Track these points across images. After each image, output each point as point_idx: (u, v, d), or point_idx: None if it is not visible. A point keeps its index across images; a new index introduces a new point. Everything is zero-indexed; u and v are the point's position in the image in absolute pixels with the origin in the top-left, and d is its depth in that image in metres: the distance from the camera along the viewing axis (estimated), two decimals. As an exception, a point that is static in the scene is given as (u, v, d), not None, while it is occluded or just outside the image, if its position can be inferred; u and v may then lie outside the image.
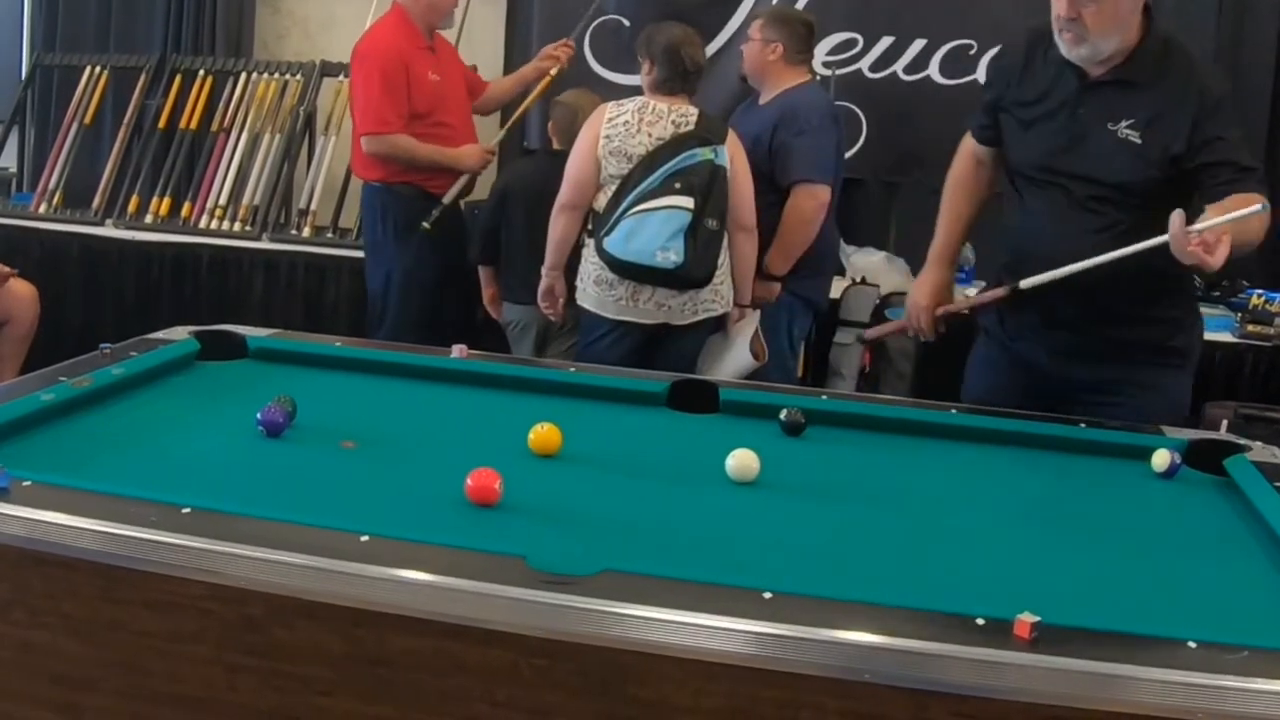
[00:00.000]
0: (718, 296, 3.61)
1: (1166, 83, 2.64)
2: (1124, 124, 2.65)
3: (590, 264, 3.61)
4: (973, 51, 4.66)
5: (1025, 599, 1.56)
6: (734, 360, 3.71)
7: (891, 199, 4.91)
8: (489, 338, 4.04)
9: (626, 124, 3.53)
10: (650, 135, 3.50)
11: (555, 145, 4.05)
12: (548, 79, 4.36)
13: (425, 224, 4.06)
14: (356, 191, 4.66)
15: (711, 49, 4.65)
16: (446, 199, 4.12)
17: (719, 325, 3.72)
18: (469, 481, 1.93)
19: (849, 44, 4.76)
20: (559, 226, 3.64)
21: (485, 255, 4.09)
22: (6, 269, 4.28)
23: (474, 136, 4.30)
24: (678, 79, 3.59)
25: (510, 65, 5.00)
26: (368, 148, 4.07)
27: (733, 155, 3.56)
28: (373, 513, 1.81)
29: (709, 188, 3.46)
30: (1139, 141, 2.63)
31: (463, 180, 4.16)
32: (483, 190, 4.34)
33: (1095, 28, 2.60)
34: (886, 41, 4.74)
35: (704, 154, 3.48)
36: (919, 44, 4.71)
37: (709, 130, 3.53)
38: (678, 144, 3.48)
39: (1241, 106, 3.23)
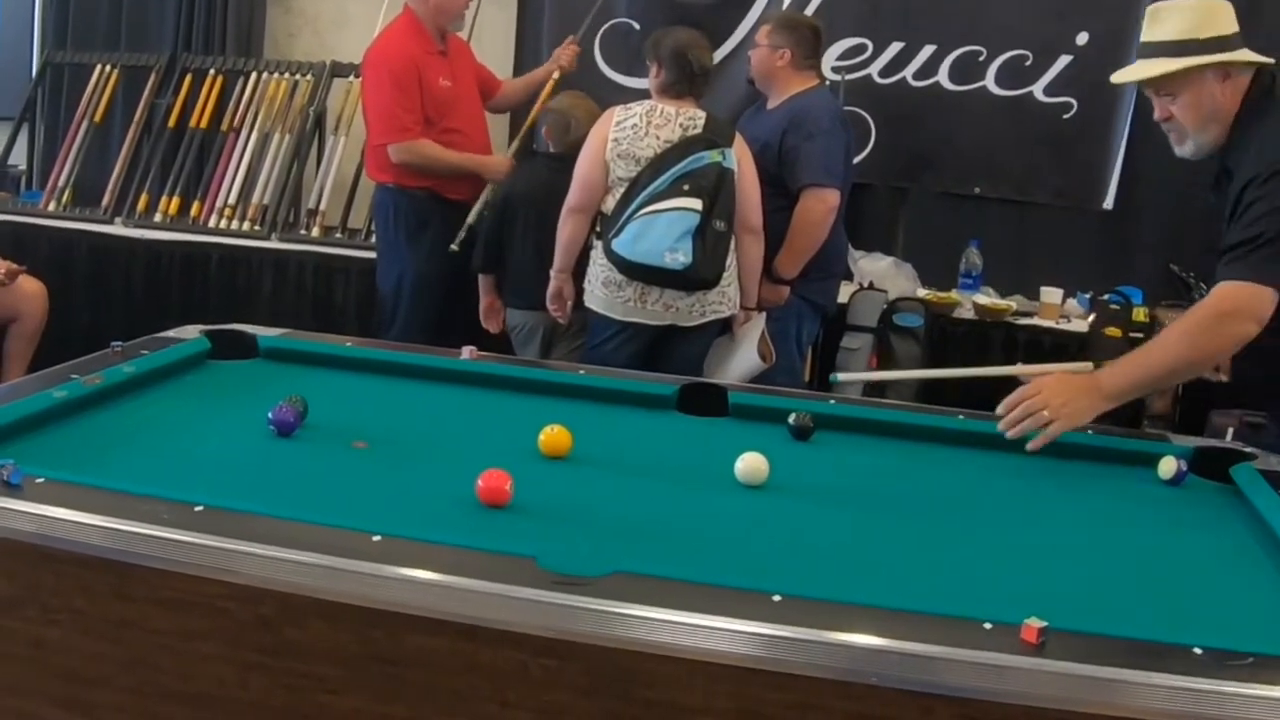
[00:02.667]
0: (724, 298, 3.62)
1: (1243, 156, 2.51)
2: (1227, 209, 2.54)
3: (598, 266, 3.62)
4: (981, 58, 4.67)
5: (1032, 604, 1.56)
6: (741, 362, 3.71)
7: (900, 204, 4.91)
8: (499, 340, 4.04)
9: (634, 127, 3.54)
10: (658, 138, 3.51)
11: (552, 149, 4.04)
12: (551, 83, 4.35)
13: (453, 246, 4.04)
14: (366, 192, 4.67)
15: (720, 54, 4.65)
16: (471, 218, 4.07)
17: (725, 328, 3.73)
18: (480, 482, 1.94)
19: (858, 49, 4.76)
20: (567, 229, 3.65)
21: (486, 263, 4.05)
22: (15, 266, 4.28)
23: (486, 140, 4.29)
24: (685, 82, 3.60)
25: (521, 66, 5.00)
26: (395, 157, 4.06)
27: (739, 158, 3.57)
28: (384, 513, 1.82)
29: (717, 190, 3.47)
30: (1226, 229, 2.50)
31: (485, 196, 4.13)
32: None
33: (1189, 123, 2.56)
34: (896, 47, 4.74)
35: (712, 156, 3.49)
36: (928, 50, 4.71)
37: (716, 133, 3.54)
38: (685, 146, 3.50)
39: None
